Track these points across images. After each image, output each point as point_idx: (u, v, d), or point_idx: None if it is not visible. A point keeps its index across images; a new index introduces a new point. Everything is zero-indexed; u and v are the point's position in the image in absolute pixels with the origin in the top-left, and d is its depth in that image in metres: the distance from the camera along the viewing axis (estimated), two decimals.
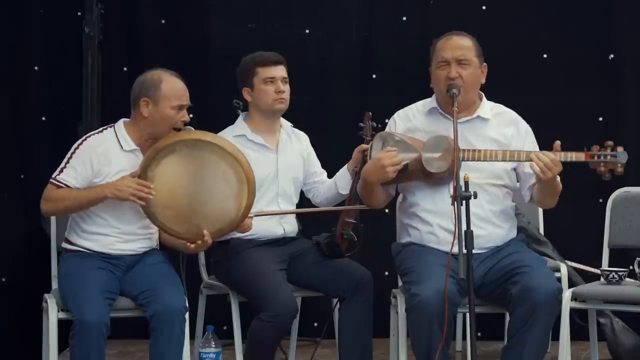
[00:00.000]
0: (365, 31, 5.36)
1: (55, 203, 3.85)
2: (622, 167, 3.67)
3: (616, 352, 4.71)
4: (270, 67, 4.16)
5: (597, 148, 3.68)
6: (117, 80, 5.12)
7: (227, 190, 3.85)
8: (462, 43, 3.84)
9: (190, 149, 3.83)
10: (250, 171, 3.87)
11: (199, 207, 3.84)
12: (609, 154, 3.66)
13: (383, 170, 3.76)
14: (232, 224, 3.88)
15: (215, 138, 3.89)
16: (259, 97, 4.17)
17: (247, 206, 3.86)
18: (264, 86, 4.15)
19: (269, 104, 4.17)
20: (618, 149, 3.68)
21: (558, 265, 4.65)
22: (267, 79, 4.15)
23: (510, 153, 3.76)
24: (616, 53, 5.32)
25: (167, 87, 3.88)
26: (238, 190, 3.85)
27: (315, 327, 4.92)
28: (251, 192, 3.86)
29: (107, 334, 3.70)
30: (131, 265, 3.93)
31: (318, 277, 4.13)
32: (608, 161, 3.65)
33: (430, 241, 3.84)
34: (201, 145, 3.84)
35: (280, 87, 4.16)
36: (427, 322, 3.59)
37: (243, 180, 3.85)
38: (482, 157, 3.75)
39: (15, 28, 5.02)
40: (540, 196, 3.85)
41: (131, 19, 5.32)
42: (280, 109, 4.20)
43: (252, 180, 3.87)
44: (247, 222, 3.97)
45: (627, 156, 3.66)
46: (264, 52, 4.21)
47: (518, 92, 5.09)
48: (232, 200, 3.85)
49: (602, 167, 3.66)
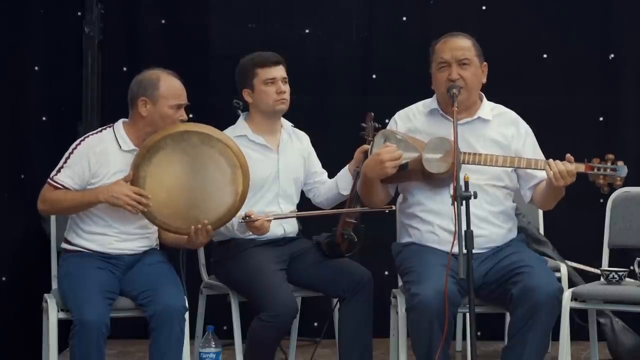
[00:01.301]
0: (365, 31, 5.36)
1: (51, 204, 3.86)
2: (622, 180, 3.67)
3: (616, 352, 4.71)
4: (270, 68, 4.16)
5: (597, 161, 3.68)
6: (117, 80, 5.11)
7: (221, 177, 3.85)
8: (461, 44, 3.84)
9: (178, 142, 3.83)
10: (241, 154, 3.87)
11: (196, 199, 3.84)
12: (609, 167, 3.66)
13: (382, 165, 3.75)
14: (231, 210, 3.88)
15: (202, 127, 3.88)
16: (259, 98, 4.17)
17: (244, 191, 3.86)
18: (265, 87, 4.15)
19: (270, 105, 4.17)
20: (618, 162, 3.68)
21: (558, 265, 4.64)
22: (267, 80, 4.15)
23: (510, 159, 3.76)
24: (616, 53, 5.31)
25: (165, 86, 3.88)
26: (232, 175, 3.85)
27: (315, 327, 4.92)
28: (245, 175, 3.86)
29: (107, 334, 3.70)
30: (131, 265, 3.93)
31: (318, 277, 4.12)
32: (608, 174, 3.66)
33: (430, 241, 3.84)
34: (188, 137, 3.83)
35: (281, 88, 4.15)
36: (427, 322, 3.59)
37: (235, 164, 3.85)
38: (483, 161, 3.75)
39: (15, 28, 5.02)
40: (542, 199, 3.85)
41: (131, 19, 5.32)
42: (281, 109, 4.19)
43: (245, 163, 3.87)
44: (265, 225, 3.98)
45: (626, 170, 3.67)
46: (263, 53, 4.21)
47: (518, 92, 5.08)
48: (227, 186, 3.85)
49: (601, 179, 3.67)
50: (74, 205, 3.85)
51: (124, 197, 3.77)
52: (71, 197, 3.83)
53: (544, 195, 3.83)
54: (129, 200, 3.76)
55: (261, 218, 3.98)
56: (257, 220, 3.96)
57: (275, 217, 4.05)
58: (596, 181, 3.68)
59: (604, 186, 3.68)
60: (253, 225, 3.97)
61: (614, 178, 3.66)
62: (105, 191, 3.79)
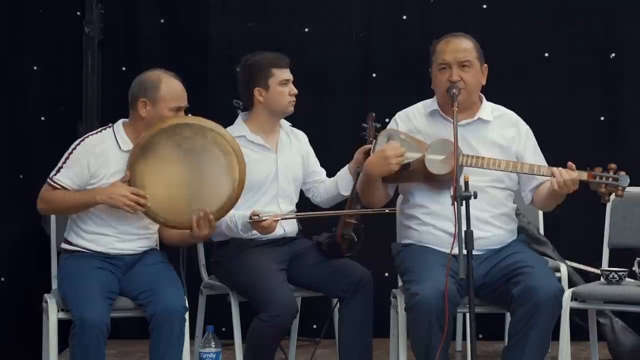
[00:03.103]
0: (365, 30, 5.35)
1: (50, 204, 3.86)
2: (623, 190, 3.66)
3: (616, 352, 4.70)
4: (285, 70, 4.16)
5: (599, 170, 3.68)
6: (117, 80, 5.11)
7: (216, 167, 3.84)
8: (463, 45, 3.82)
9: (171, 136, 3.83)
10: (234, 141, 3.87)
11: (195, 191, 3.84)
12: (611, 177, 3.66)
13: (387, 161, 3.75)
14: (230, 199, 3.87)
15: (192, 118, 3.89)
16: (274, 98, 4.15)
17: (241, 178, 3.85)
18: (281, 88, 4.14)
19: (284, 105, 4.17)
20: (620, 172, 3.67)
21: (558, 265, 4.64)
22: (283, 80, 4.15)
23: (513, 164, 3.75)
24: (618, 52, 5.30)
25: (165, 88, 3.88)
26: (227, 163, 3.84)
27: (315, 328, 4.92)
28: (240, 161, 3.85)
29: (107, 334, 3.70)
30: (131, 265, 3.92)
31: (318, 277, 4.12)
32: (610, 183, 3.65)
33: (430, 242, 3.83)
34: (180, 130, 3.83)
35: (294, 90, 4.17)
36: (426, 322, 3.59)
37: (229, 151, 3.85)
38: (486, 164, 3.74)
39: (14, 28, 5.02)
40: (543, 202, 3.85)
41: (131, 19, 5.32)
42: (291, 111, 4.21)
43: (239, 149, 3.86)
44: (273, 225, 3.98)
45: (628, 180, 3.66)
46: (274, 53, 4.20)
47: (519, 92, 5.09)
48: (224, 175, 3.84)
49: (602, 188, 3.66)
50: (72, 206, 3.85)
51: (122, 198, 3.76)
52: (69, 198, 3.83)
53: (545, 199, 3.82)
54: (127, 201, 3.76)
55: (269, 218, 3.97)
56: (265, 220, 3.96)
57: (283, 217, 4.04)
58: (597, 190, 3.67)
59: (605, 195, 3.67)
60: (260, 225, 3.97)
61: (615, 187, 3.66)
62: (103, 192, 3.79)
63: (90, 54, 5.17)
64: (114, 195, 3.77)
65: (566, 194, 3.72)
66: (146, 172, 3.82)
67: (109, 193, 3.78)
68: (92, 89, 5.17)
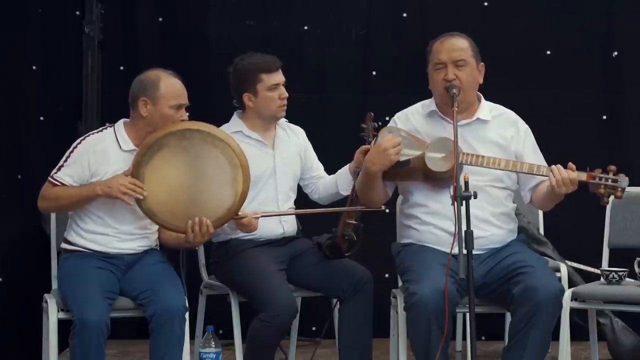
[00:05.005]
0: (365, 28, 5.34)
1: (50, 201, 3.86)
2: (622, 192, 3.66)
3: (616, 352, 4.70)
4: (274, 74, 4.13)
5: (599, 171, 3.67)
6: (116, 80, 5.12)
7: (221, 177, 3.84)
8: (458, 44, 3.82)
9: (180, 140, 3.83)
10: (243, 155, 3.87)
11: (196, 198, 3.84)
12: (611, 178, 3.65)
13: (385, 153, 3.73)
14: (230, 211, 3.87)
15: (204, 125, 3.88)
16: (263, 103, 4.14)
17: (244, 191, 3.85)
18: (270, 93, 4.12)
19: (273, 111, 4.15)
20: (620, 174, 3.67)
21: (558, 265, 4.63)
22: (272, 85, 4.12)
23: (513, 163, 3.75)
24: (620, 50, 5.29)
25: (165, 86, 3.88)
26: (232, 175, 3.84)
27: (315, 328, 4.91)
28: (246, 176, 3.85)
29: (107, 333, 3.71)
30: (130, 264, 3.93)
31: (318, 277, 4.12)
32: (609, 184, 3.64)
33: (430, 242, 3.83)
34: (191, 135, 3.83)
35: (284, 93, 4.14)
36: (425, 321, 3.59)
37: (237, 164, 3.84)
38: (485, 163, 3.74)
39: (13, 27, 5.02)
40: (542, 201, 3.85)
41: (131, 19, 5.32)
42: (282, 115, 4.19)
43: (246, 163, 3.86)
44: (253, 222, 3.97)
45: (628, 181, 3.65)
46: (263, 56, 4.17)
47: (520, 89, 5.08)
48: (228, 186, 3.84)
49: (602, 189, 3.66)
50: (73, 201, 3.85)
51: (118, 186, 3.76)
52: (69, 193, 3.84)
53: (544, 198, 3.82)
54: (124, 189, 3.76)
55: (249, 215, 3.96)
56: (245, 218, 3.94)
57: (263, 214, 4.03)
58: (597, 191, 3.67)
59: (604, 196, 3.67)
60: (240, 222, 3.95)
61: (615, 189, 3.65)
62: (103, 183, 3.80)
63: (90, 54, 5.17)
64: (111, 184, 3.78)
65: (564, 194, 3.71)
66: (150, 171, 3.82)
67: (107, 183, 3.79)
68: (91, 89, 5.18)
